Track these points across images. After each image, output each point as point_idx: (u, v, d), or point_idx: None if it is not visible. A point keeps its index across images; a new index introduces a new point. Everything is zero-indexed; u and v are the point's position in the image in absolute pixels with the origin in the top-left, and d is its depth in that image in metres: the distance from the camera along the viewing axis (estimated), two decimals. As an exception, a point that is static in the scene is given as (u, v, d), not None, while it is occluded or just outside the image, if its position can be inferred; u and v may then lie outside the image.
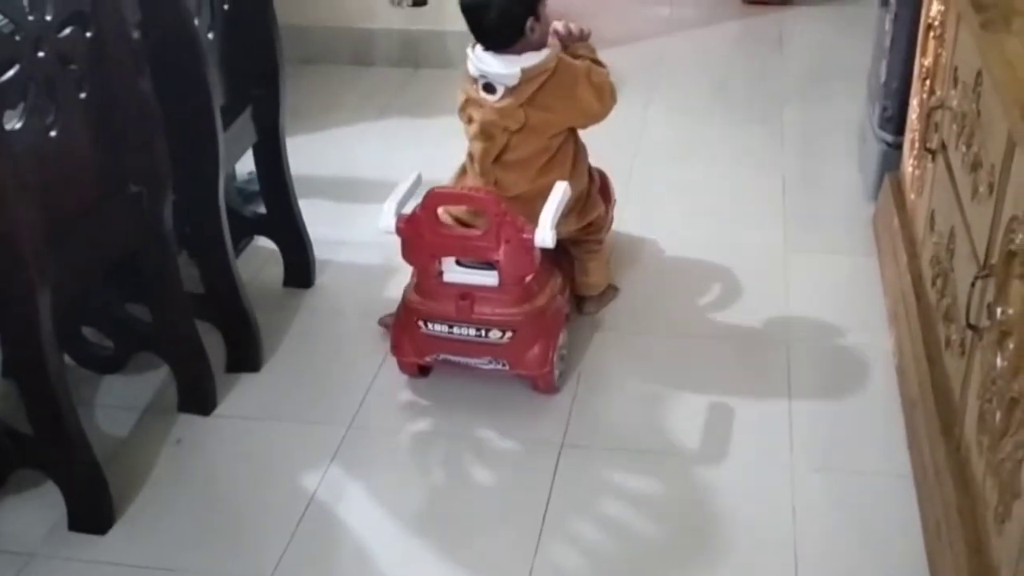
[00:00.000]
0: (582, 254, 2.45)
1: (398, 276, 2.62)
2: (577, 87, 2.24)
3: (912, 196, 2.43)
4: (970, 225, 1.79)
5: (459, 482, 2.09)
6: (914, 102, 2.50)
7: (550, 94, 2.21)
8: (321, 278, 2.66)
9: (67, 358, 2.14)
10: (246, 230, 2.63)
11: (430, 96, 3.74)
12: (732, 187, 3.05)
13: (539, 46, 2.21)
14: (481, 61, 2.21)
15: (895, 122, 2.76)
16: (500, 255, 2.10)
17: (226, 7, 2.23)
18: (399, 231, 2.15)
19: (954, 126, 1.97)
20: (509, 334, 2.14)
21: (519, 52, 2.18)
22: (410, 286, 2.25)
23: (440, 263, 2.17)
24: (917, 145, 2.40)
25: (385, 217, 2.16)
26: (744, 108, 3.55)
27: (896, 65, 2.71)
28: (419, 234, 2.13)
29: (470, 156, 2.35)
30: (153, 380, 2.31)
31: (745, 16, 4.38)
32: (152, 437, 2.17)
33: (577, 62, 2.28)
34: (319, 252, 2.67)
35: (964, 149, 1.87)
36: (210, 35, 2.17)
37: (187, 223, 2.22)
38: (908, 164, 2.52)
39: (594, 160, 2.47)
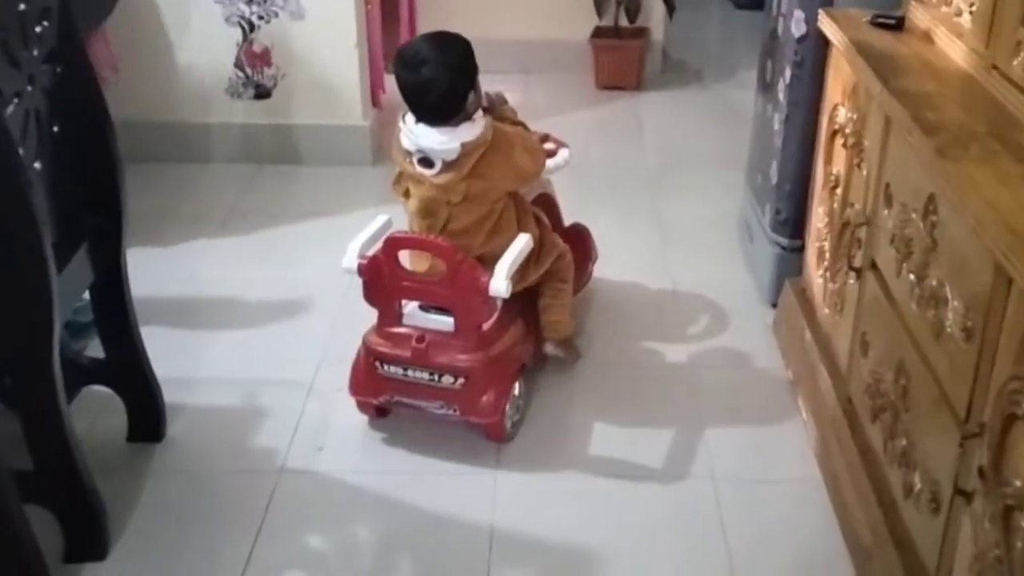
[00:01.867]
0: (547, 298, 2.43)
1: (264, 419, 2.32)
2: (513, 153, 2.21)
3: (827, 311, 2.28)
4: (934, 367, 1.62)
5: None
6: (819, 210, 2.37)
7: (489, 164, 2.16)
8: (172, 429, 2.28)
9: None
10: (80, 379, 2.23)
11: (279, 197, 3.42)
12: (624, 294, 2.85)
13: (470, 115, 2.16)
14: (416, 135, 2.14)
15: (790, 226, 2.63)
16: (455, 301, 2.14)
17: (56, 129, 1.87)
18: (361, 272, 2.17)
19: (892, 250, 1.82)
20: (461, 380, 2.16)
21: (454, 123, 2.13)
22: (371, 329, 2.25)
23: (401, 306, 2.22)
24: (829, 257, 2.26)
25: (348, 257, 2.18)
26: (619, 203, 3.38)
27: (789, 167, 2.59)
28: (380, 276, 2.17)
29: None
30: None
31: (600, 102, 4.26)
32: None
33: (508, 128, 2.25)
34: (165, 395, 2.29)
35: (913, 279, 1.71)
36: (37, 164, 1.81)
37: (8, 375, 1.83)
38: (815, 274, 2.38)
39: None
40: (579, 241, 2.69)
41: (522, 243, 2.21)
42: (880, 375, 1.89)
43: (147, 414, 2.24)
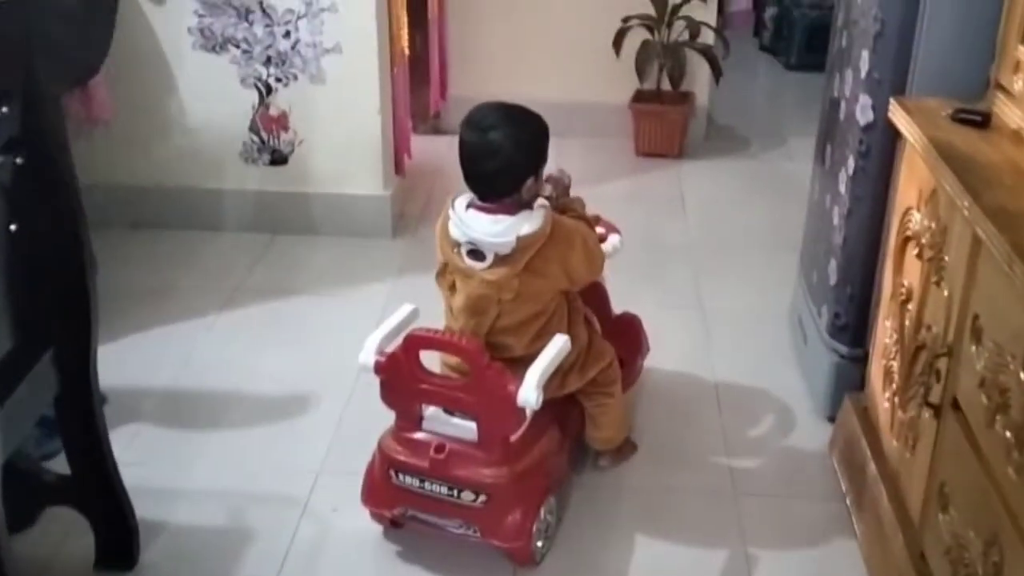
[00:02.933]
0: (591, 407, 2.21)
1: (250, 544, 2.06)
2: (572, 253, 2.00)
3: (895, 443, 1.98)
4: (1040, 557, 1.33)
5: None
6: (886, 323, 2.08)
7: (546, 260, 1.97)
8: (147, 554, 2.02)
9: None
10: (44, 498, 1.99)
11: (291, 270, 3.18)
12: (663, 394, 2.57)
13: (529, 204, 1.97)
14: (467, 224, 1.94)
15: (851, 333, 2.34)
16: (480, 409, 1.93)
17: (13, 228, 1.64)
18: (378, 370, 1.97)
19: (982, 395, 1.53)
20: (483, 498, 1.94)
21: (509, 211, 1.93)
22: (388, 430, 2.04)
23: (421, 408, 2.01)
24: (898, 382, 1.97)
25: (366, 352, 1.98)
26: (658, 288, 3.10)
27: (852, 268, 2.31)
28: (399, 376, 1.97)
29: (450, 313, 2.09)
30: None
31: (640, 171, 3.99)
32: None
33: (570, 223, 2.04)
34: (144, 509, 2.03)
35: (1011, 439, 1.42)
36: (-13, 268, 1.58)
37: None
38: (881, 396, 2.09)
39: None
40: (629, 332, 2.47)
41: (558, 346, 1.98)
42: (965, 541, 1.59)
43: (117, 538, 1.98)
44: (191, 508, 2.16)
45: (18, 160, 1.64)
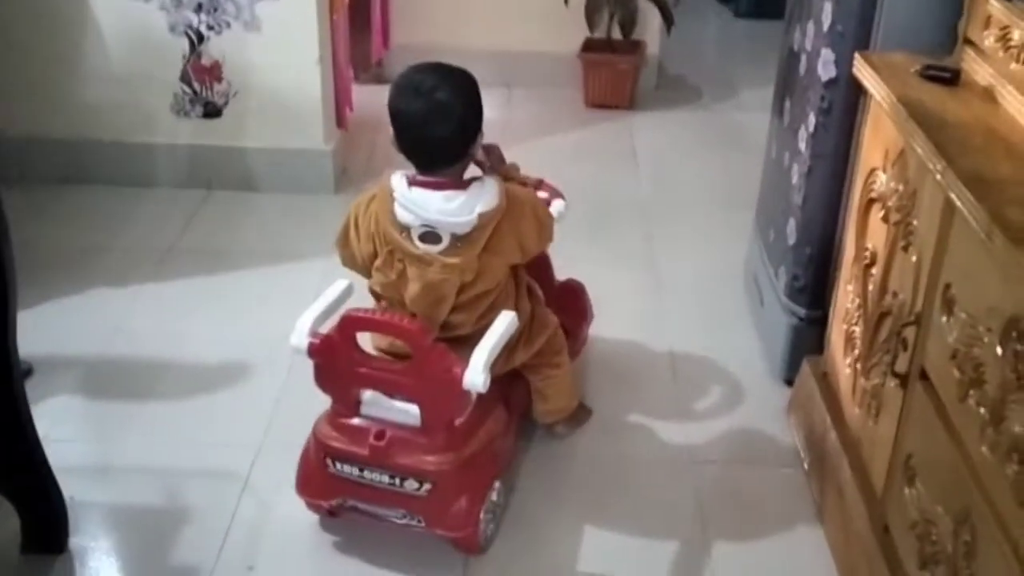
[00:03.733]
0: (538, 381, 2.10)
1: (188, 523, 1.96)
2: (524, 223, 1.89)
3: (857, 410, 1.93)
4: (1017, 538, 1.28)
5: None
6: (848, 287, 2.02)
7: (501, 235, 1.85)
8: (77, 536, 1.91)
9: None
10: (-37, 480, 1.86)
11: (227, 230, 3.04)
12: (614, 359, 2.49)
13: (469, 164, 1.89)
14: (420, 205, 1.79)
15: (809, 295, 2.28)
16: (422, 394, 1.80)
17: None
18: (311, 353, 1.83)
19: (953, 368, 1.47)
20: (427, 486, 1.82)
21: (459, 185, 1.81)
22: (323, 415, 1.90)
23: (360, 392, 1.87)
24: (861, 348, 1.91)
25: (297, 334, 1.83)
26: (611, 247, 3.01)
27: (811, 229, 2.24)
28: (334, 359, 1.83)
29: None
30: None
31: (590, 123, 3.88)
32: None
33: (519, 191, 1.93)
34: (72, 488, 1.92)
35: (984, 415, 1.36)
36: None
37: None
38: (842, 362, 2.03)
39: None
40: (573, 301, 2.37)
41: (504, 324, 1.86)
42: (933, 517, 1.53)
43: (44, 521, 1.87)
44: (124, 486, 2.05)
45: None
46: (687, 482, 2.11)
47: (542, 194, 2.07)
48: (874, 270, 1.87)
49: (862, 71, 1.90)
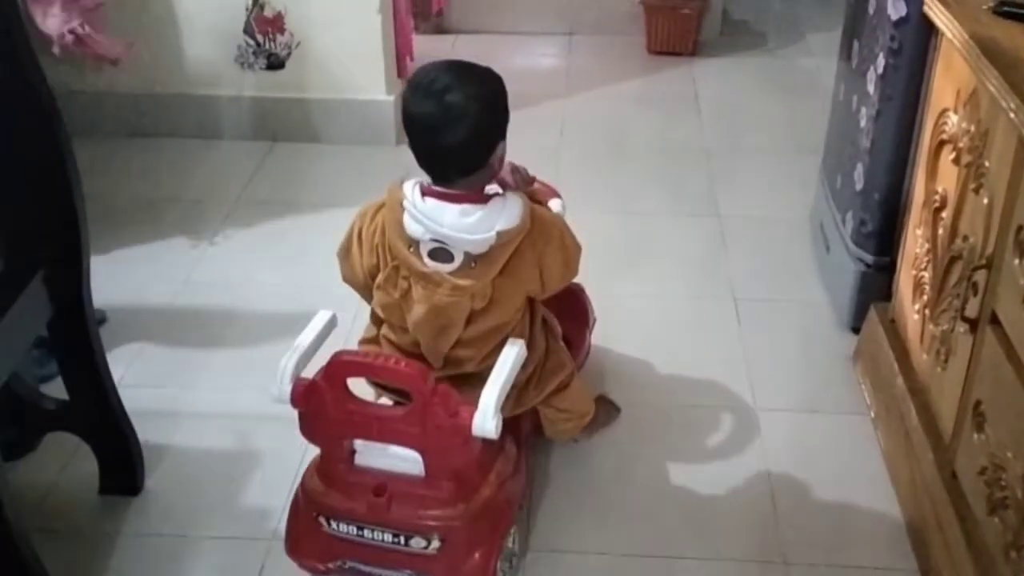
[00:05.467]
0: (546, 410, 1.88)
1: (258, 468, 2.00)
2: (548, 250, 1.68)
3: (925, 356, 1.90)
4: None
5: None
6: (916, 231, 1.98)
7: (522, 259, 1.65)
8: (151, 479, 1.97)
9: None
10: (43, 424, 1.92)
11: (292, 182, 3.07)
12: (677, 315, 2.47)
13: (489, 180, 1.67)
14: (433, 219, 1.58)
15: (877, 241, 2.24)
16: (426, 443, 1.57)
17: (-11, 144, 1.54)
18: (295, 402, 1.61)
19: (1026, 312, 1.44)
20: (436, 543, 1.62)
21: (478, 198, 1.60)
22: (312, 465, 1.70)
23: (351, 441, 1.65)
24: (930, 293, 1.88)
25: (280, 383, 1.61)
26: (671, 195, 2.99)
27: (879, 173, 2.19)
28: (322, 408, 1.60)
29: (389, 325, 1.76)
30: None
31: (653, 70, 3.83)
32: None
33: (547, 213, 1.73)
34: (146, 432, 1.98)
35: (1059, 359, 1.34)
36: (-36, 191, 1.49)
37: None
38: (911, 308, 2.00)
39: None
40: (572, 304, 2.10)
41: (513, 356, 1.63)
42: (1003, 463, 1.51)
43: (120, 464, 1.93)
44: (196, 431, 2.10)
45: (-9, 70, 1.53)
46: (752, 430, 2.11)
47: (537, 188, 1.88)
48: (944, 214, 1.83)
49: (933, 9, 1.85)
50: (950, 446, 1.75)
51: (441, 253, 1.61)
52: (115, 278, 2.44)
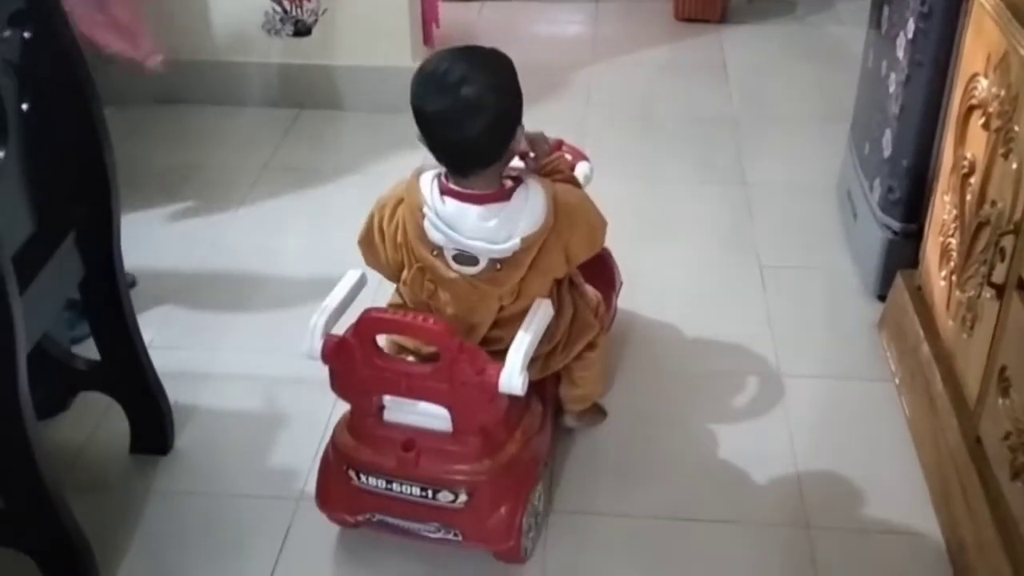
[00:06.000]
0: (575, 368, 1.85)
1: (285, 428, 2.03)
2: (574, 235, 1.66)
3: (951, 323, 1.90)
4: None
5: None
6: (944, 198, 1.97)
7: (548, 252, 1.63)
8: (181, 438, 2.00)
9: None
10: (75, 384, 1.96)
11: (318, 148, 3.08)
12: (702, 281, 2.46)
13: (508, 163, 1.63)
14: (453, 227, 1.57)
15: (904, 208, 2.23)
16: (453, 400, 1.60)
17: (25, 107, 1.55)
18: (326, 358, 1.65)
19: (1054, 277, 1.44)
20: (463, 497, 1.64)
21: (499, 195, 1.57)
22: (343, 420, 1.74)
23: (382, 397, 1.68)
24: (956, 259, 1.87)
25: (310, 339, 1.65)
26: (698, 164, 2.97)
27: (908, 139, 2.18)
28: (352, 364, 1.63)
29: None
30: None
31: (680, 36, 3.81)
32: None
33: (571, 195, 1.68)
34: (176, 393, 2.00)
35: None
36: (1, 152, 1.50)
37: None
38: (937, 274, 1.99)
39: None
40: (600, 268, 2.09)
41: (540, 316, 1.65)
42: (1026, 428, 1.52)
43: (151, 424, 1.95)
44: (224, 392, 2.12)
45: (26, 34, 1.54)
46: (776, 396, 2.11)
47: (566, 157, 1.88)
48: (972, 179, 1.82)
49: (965, -29, 1.83)
50: (975, 412, 1.75)
51: (465, 257, 1.60)
52: (144, 243, 2.47)
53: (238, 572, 1.76)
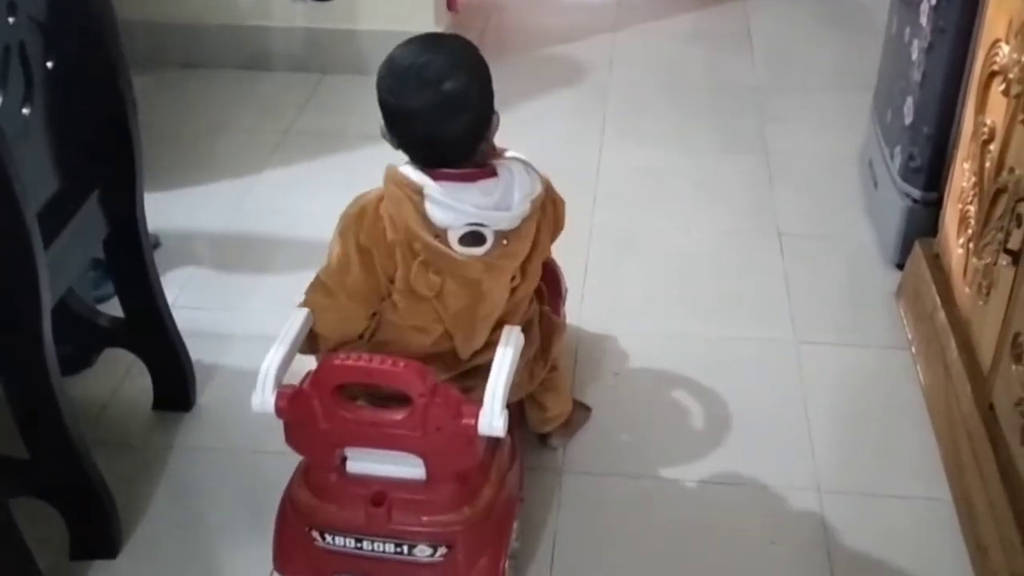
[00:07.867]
0: (538, 391, 1.80)
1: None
2: (558, 209, 1.63)
3: (967, 290, 1.90)
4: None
5: None
6: (964, 165, 1.97)
7: (546, 224, 1.60)
8: (203, 396, 2.04)
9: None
10: (99, 340, 1.99)
11: (341, 112, 3.09)
12: (720, 248, 2.47)
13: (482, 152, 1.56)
14: (462, 200, 1.46)
15: (925, 176, 2.22)
16: (427, 447, 1.46)
17: (49, 65, 1.58)
18: (280, 412, 1.48)
19: (1069, 243, 1.44)
20: (443, 550, 1.51)
21: (488, 172, 1.51)
22: (298, 475, 1.57)
23: (343, 449, 1.53)
24: (975, 226, 1.87)
25: (261, 391, 1.47)
26: (720, 132, 2.97)
27: (929, 106, 2.17)
28: (311, 417, 1.46)
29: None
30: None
31: (705, 5, 3.78)
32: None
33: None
34: (198, 352, 2.04)
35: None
36: (26, 110, 1.53)
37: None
38: (955, 242, 1.99)
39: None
40: (548, 278, 1.87)
41: (512, 345, 1.51)
42: (1040, 395, 1.52)
43: (173, 381, 1.99)
44: (245, 351, 2.11)
45: (50, -8, 1.56)
46: (792, 361, 2.12)
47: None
48: (992, 146, 1.82)
49: (989, -64, 1.82)
50: (988, 379, 1.75)
51: (471, 237, 1.49)
52: (168, 205, 2.49)
53: (257, 525, 1.78)
